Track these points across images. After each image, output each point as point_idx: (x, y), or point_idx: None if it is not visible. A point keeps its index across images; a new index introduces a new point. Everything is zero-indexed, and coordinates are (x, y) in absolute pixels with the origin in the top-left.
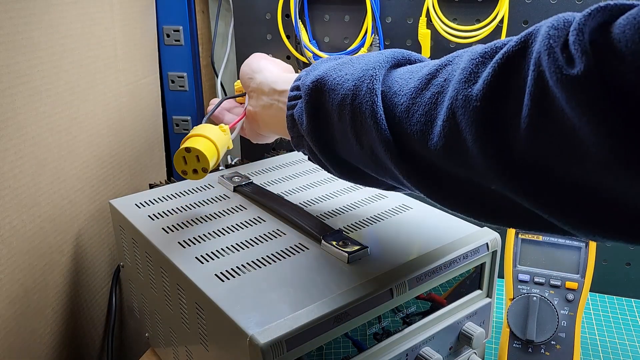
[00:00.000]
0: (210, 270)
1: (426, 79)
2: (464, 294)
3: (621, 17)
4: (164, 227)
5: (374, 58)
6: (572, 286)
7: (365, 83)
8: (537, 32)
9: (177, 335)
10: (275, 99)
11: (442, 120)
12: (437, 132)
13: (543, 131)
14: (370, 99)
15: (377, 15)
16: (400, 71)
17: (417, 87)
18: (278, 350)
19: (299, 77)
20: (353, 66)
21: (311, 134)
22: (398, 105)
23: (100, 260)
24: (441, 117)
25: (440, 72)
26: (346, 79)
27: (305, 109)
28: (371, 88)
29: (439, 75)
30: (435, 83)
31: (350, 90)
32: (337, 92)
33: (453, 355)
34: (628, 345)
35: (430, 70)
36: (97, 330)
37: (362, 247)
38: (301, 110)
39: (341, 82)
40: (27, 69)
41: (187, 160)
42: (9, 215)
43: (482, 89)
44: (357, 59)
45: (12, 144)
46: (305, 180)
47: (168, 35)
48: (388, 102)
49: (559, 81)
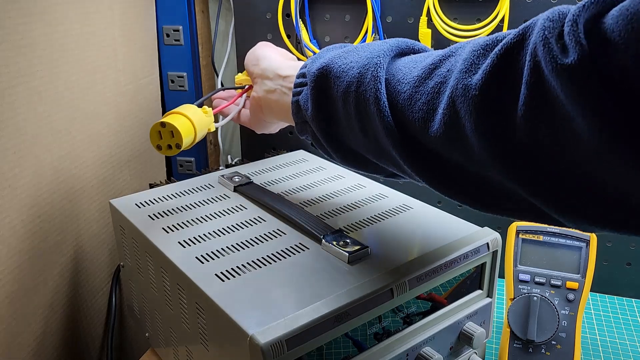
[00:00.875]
0: (210, 270)
1: (429, 69)
2: (464, 293)
3: (614, 9)
4: (164, 227)
5: (379, 47)
6: (572, 286)
7: (370, 71)
8: (534, 24)
9: (177, 335)
10: (279, 84)
11: (442, 109)
12: (438, 120)
13: (539, 119)
14: (374, 86)
15: (378, 15)
16: (404, 60)
17: (420, 76)
18: (278, 350)
19: (305, 64)
20: (358, 54)
21: (316, 120)
22: (401, 93)
23: (100, 260)
24: (442, 106)
25: (443, 63)
26: (351, 66)
27: (311, 96)
28: (375, 76)
29: (442, 65)
30: (438, 73)
31: (355, 77)
32: (342, 79)
33: (453, 355)
34: (628, 345)
35: (433, 61)
36: (97, 330)
37: (363, 247)
38: (307, 97)
39: (346, 70)
40: (27, 68)
41: (162, 135)
42: (9, 215)
43: (481, 78)
44: (362, 47)
45: (12, 144)
46: (305, 180)
47: (168, 35)
48: (391, 90)
49: (554, 70)
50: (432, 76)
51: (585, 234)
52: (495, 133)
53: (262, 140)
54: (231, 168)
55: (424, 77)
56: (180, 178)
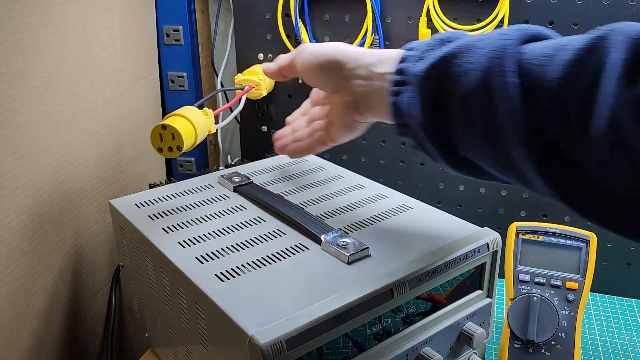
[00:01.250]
0: (210, 270)
1: (574, 66)
2: (464, 294)
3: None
4: (164, 227)
5: (505, 36)
6: (572, 286)
7: (497, 68)
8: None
9: (177, 335)
10: (375, 83)
11: (601, 118)
12: (599, 129)
13: None
14: (505, 94)
15: (378, 15)
16: (535, 53)
17: (562, 76)
18: (278, 350)
19: (402, 57)
20: (478, 49)
21: (426, 130)
22: (540, 101)
23: (100, 260)
24: (600, 114)
25: (590, 59)
26: (471, 66)
27: (420, 102)
28: (504, 82)
29: (589, 63)
30: (585, 74)
31: (479, 83)
32: (460, 85)
33: (453, 355)
34: (628, 345)
35: (575, 56)
36: (97, 330)
37: (363, 247)
38: (412, 101)
39: (467, 69)
40: (27, 68)
41: (163, 138)
42: (8, 215)
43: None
44: (478, 41)
45: (12, 144)
46: (305, 180)
47: (168, 35)
48: (527, 88)
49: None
50: (580, 75)
51: (585, 234)
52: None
53: (262, 140)
54: (231, 168)
55: (566, 77)
56: (180, 178)
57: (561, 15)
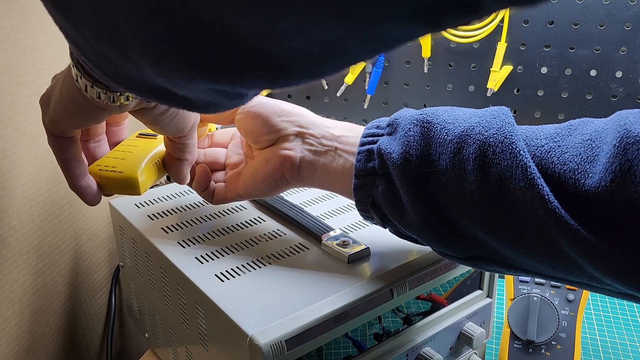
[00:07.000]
0: (210, 270)
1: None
2: (464, 294)
3: None
4: (164, 227)
5: (491, 111)
6: (572, 286)
7: (502, 143)
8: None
9: (177, 335)
10: (333, 145)
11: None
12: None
13: None
14: (515, 156)
15: None
16: None
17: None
18: (278, 350)
19: (368, 132)
20: (459, 115)
21: (400, 215)
22: (556, 164)
23: (99, 261)
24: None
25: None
26: (457, 124)
27: (405, 190)
28: (512, 141)
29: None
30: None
31: (482, 142)
32: (448, 142)
33: (453, 355)
34: (628, 345)
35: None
36: (96, 330)
37: (363, 247)
38: (387, 188)
39: (452, 126)
40: (27, 68)
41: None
42: (8, 216)
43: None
44: (458, 112)
45: (12, 144)
46: None
47: None
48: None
49: None
50: (574, 133)
51: None
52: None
53: None
54: None
55: (582, 144)
56: None
57: (561, 15)
